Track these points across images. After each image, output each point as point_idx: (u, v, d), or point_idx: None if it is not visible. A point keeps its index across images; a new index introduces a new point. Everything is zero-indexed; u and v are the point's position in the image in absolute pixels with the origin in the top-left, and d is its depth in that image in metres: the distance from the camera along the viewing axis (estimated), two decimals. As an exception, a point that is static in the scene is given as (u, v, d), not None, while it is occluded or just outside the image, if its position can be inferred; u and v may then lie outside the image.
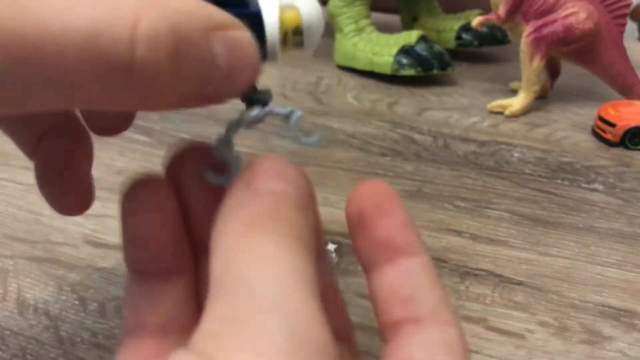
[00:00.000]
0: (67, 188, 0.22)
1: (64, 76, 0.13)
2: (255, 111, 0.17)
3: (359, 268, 0.30)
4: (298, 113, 0.17)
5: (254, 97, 0.17)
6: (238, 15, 0.17)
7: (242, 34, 0.16)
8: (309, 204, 0.16)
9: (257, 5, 0.18)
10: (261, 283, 0.13)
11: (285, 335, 0.12)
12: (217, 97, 0.16)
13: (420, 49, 0.56)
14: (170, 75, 0.14)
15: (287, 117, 0.17)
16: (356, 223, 0.19)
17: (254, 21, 0.17)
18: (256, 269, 0.13)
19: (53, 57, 0.12)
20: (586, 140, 0.46)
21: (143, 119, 0.46)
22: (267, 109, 0.17)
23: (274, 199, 0.15)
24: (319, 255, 0.17)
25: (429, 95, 0.54)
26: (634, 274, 0.31)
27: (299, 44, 0.18)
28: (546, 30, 0.48)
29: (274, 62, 0.18)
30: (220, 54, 0.15)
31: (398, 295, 0.17)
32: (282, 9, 0.17)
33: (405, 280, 0.17)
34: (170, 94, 0.14)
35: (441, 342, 0.16)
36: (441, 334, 0.16)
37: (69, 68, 0.12)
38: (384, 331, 0.17)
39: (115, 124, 0.22)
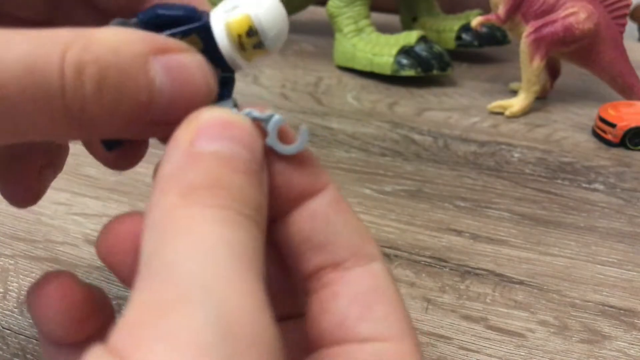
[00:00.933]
0: (21, 187, 0.22)
1: (9, 109, 0.13)
2: (248, 111, 0.16)
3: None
4: (277, 117, 0.16)
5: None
6: (187, 32, 0.17)
7: (186, 56, 0.15)
8: (261, 167, 0.15)
9: (207, 18, 0.17)
10: (189, 265, 0.12)
11: (210, 326, 0.11)
12: (166, 122, 0.15)
13: (420, 49, 0.56)
14: (100, 101, 0.14)
15: (265, 122, 0.16)
16: None
17: (206, 35, 0.17)
18: (186, 249, 0.12)
19: None
20: (586, 141, 0.46)
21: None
22: (244, 111, 0.16)
23: (217, 164, 0.14)
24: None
25: (429, 96, 0.54)
26: (634, 273, 0.31)
27: (259, 44, 0.17)
28: (546, 31, 0.48)
29: (240, 69, 0.18)
30: (159, 78, 0.14)
31: (311, 242, 0.16)
32: (229, 12, 0.17)
33: (316, 223, 0.16)
34: (107, 121, 0.14)
35: (371, 286, 0.15)
36: (368, 276, 0.15)
37: (12, 100, 0.13)
38: (302, 283, 0.16)
39: (125, 158, 0.22)
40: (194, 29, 0.17)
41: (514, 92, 0.53)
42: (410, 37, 0.56)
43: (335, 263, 0.15)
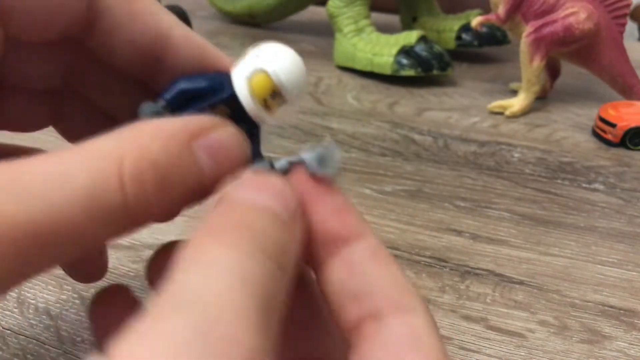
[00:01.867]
0: (88, 266, 0.24)
1: (78, 236, 0.14)
2: (282, 162, 0.17)
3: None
4: (333, 149, 0.17)
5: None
6: (215, 103, 0.18)
7: (222, 132, 0.16)
8: (292, 218, 0.15)
9: (231, 86, 0.18)
10: (192, 283, 0.12)
11: (191, 332, 0.11)
12: (207, 196, 0.16)
13: (420, 49, 0.56)
14: (160, 201, 0.14)
15: (304, 159, 0.17)
16: None
17: (233, 102, 0.18)
18: (194, 270, 0.12)
19: (65, 228, 0.13)
20: (586, 141, 0.46)
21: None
22: (279, 163, 0.17)
23: (248, 210, 0.14)
24: (304, 283, 0.17)
25: (429, 96, 0.54)
26: (634, 273, 0.31)
27: (282, 102, 0.18)
28: (546, 31, 0.48)
29: (268, 124, 0.18)
30: (204, 162, 0.15)
31: (349, 292, 0.15)
32: (251, 79, 0.17)
33: (354, 273, 0.16)
34: (160, 213, 0.15)
35: (406, 337, 0.15)
36: (405, 327, 0.15)
37: (79, 228, 0.13)
38: (347, 336, 0.16)
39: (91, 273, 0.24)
40: (221, 100, 0.18)
41: (514, 92, 0.53)
42: (410, 37, 0.56)
43: (374, 314, 0.15)
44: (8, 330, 0.26)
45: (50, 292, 0.28)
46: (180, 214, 0.16)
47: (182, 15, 0.62)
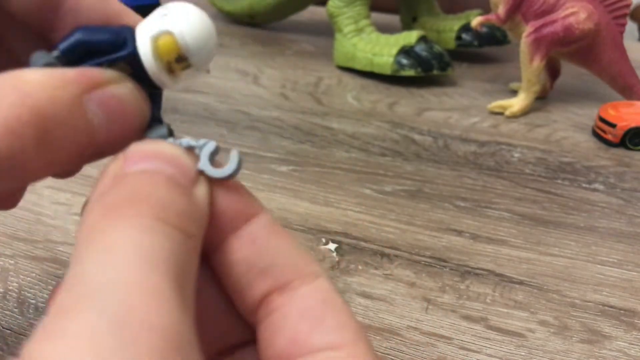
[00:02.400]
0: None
1: None
2: (184, 141, 0.16)
3: (360, 267, 0.30)
4: (210, 144, 0.16)
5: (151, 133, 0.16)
6: (114, 60, 0.16)
7: (119, 87, 0.15)
8: (190, 181, 0.14)
9: (134, 43, 0.16)
10: (95, 269, 0.11)
11: (106, 324, 0.10)
12: (100, 154, 0.15)
13: (420, 49, 0.56)
14: (43, 156, 0.13)
15: (198, 149, 0.16)
16: None
17: (134, 61, 0.16)
18: (94, 256, 0.12)
19: None
20: (586, 141, 0.46)
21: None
22: (177, 141, 0.16)
23: (141, 180, 0.13)
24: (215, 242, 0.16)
25: (429, 96, 0.54)
26: (634, 273, 0.31)
27: (187, 67, 0.17)
28: (546, 31, 0.48)
29: (169, 89, 0.17)
30: (96, 118, 0.14)
31: (255, 268, 0.15)
32: (156, 39, 0.16)
33: (256, 248, 0.15)
34: (45, 167, 0.14)
35: (320, 300, 0.15)
36: (316, 291, 0.15)
37: None
38: (252, 313, 0.16)
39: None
40: (121, 58, 0.16)
41: (514, 92, 0.53)
42: (410, 37, 0.56)
43: (281, 286, 0.15)
44: (8, 330, 0.26)
45: (50, 292, 0.28)
46: (79, 170, 0.15)
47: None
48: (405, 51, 0.55)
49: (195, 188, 0.14)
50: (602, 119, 0.45)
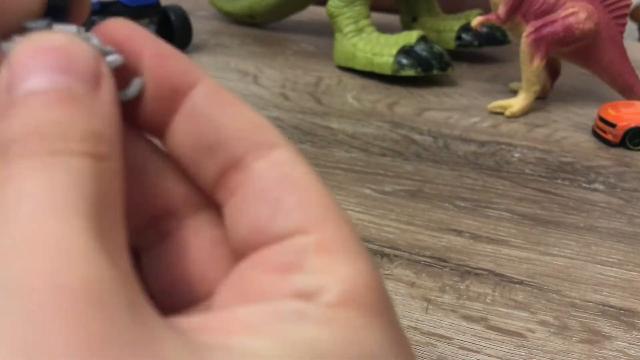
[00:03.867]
0: None
1: None
2: (37, 24, 0.13)
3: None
4: (114, 57, 0.13)
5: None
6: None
7: None
8: (96, 90, 0.12)
9: None
10: None
11: (5, 297, 0.09)
12: None
13: (420, 49, 0.56)
14: None
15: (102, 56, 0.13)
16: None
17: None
18: None
19: None
20: (586, 141, 0.46)
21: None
22: (82, 34, 0.13)
23: (29, 107, 0.11)
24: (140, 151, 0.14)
25: (429, 96, 0.54)
26: (634, 273, 0.31)
27: None
28: (546, 31, 0.48)
29: None
30: None
31: (202, 146, 0.14)
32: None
33: (200, 123, 0.14)
34: None
35: (277, 178, 0.13)
36: (273, 167, 0.13)
37: None
38: (213, 197, 0.14)
39: None
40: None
41: (514, 92, 0.53)
42: (410, 37, 0.56)
43: (235, 163, 0.13)
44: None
45: None
46: None
47: (182, 16, 0.62)
48: (405, 51, 0.55)
49: (98, 90, 0.12)
50: (602, 119, 0.45)
